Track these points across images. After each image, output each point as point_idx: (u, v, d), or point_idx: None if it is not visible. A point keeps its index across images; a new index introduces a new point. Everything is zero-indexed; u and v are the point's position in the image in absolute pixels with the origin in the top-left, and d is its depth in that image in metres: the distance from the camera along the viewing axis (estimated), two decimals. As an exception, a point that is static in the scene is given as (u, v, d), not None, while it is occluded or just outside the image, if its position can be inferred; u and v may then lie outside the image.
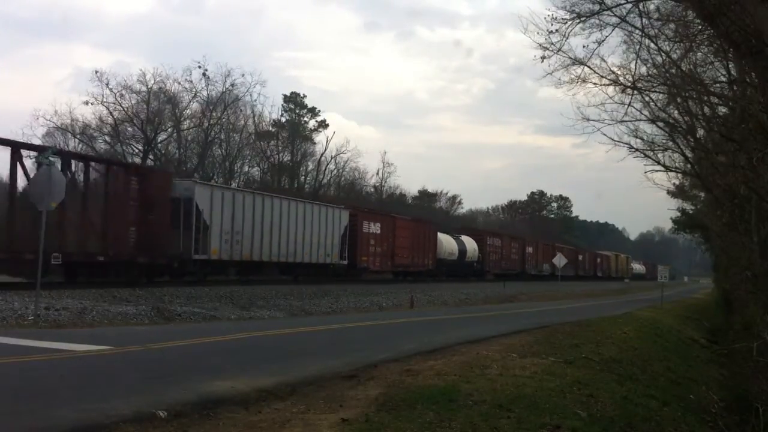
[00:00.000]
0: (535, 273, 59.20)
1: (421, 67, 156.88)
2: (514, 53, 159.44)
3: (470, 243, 49.89)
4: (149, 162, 45.42)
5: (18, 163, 19.79)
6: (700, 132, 19.67)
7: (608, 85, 15.47)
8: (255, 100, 72.22)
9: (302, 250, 31.39)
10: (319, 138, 62.99)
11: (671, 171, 23.49)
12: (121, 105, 46.32)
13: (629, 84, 15.13)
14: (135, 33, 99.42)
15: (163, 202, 24.02)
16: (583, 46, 14.21)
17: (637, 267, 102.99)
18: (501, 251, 54.63)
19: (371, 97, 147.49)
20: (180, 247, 24.61)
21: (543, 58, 13.90)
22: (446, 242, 44.99)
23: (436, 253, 43.53)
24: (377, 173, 68.77)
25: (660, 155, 21.56)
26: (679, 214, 41.84)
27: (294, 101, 63.69)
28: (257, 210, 28.74)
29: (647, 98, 17.31)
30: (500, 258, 54.26)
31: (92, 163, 24.16)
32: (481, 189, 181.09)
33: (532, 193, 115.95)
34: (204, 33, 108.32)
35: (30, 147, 22.40)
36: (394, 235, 38.41)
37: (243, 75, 55.23)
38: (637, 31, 14.11)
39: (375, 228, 36.90)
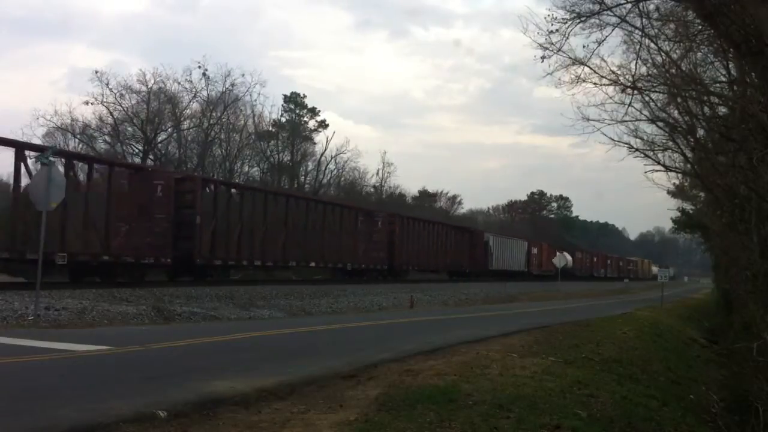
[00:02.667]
0: (596, 275, 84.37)
1: (416, 66, 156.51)
2: (509, 52, 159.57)
3: (569, 256, 73.34)
4: (149, 162, 45.45)
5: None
6: (700, 132, 19.62)
7: (608, 85, 15.38)
8: (255, 100, 72.03)
9: (518, 263, 61.12)
10: (319, 138, 63.10)
11: (671, 171, 23.38)
12: (121, 105, 46.40)
13: (629, 84, 15.07)
14: (130, 32, 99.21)
15: (480, 243, 54.07)
16: (583, 46, 14.14)
17: (655, 269, 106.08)
18: (582, 261, 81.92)
19: (367, 96, 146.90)
20: (483, 263, 53.54)
21: (543, 58, 13.83)
22: (558, 255, 69.95)
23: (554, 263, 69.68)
24: (377, 173, 68.91)
25: (660, 155, 21.46)
26: (679, 214, 41.69)
27: (294, 101, 63.71)
28: (505, 244, 59.48)
29: (647, 98, 17.23)
30: (581, 266, 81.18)
31: (445, 228, 50.93)
32: (481, 189, 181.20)
33: (532, 193, 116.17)
34: (199, 32, 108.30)
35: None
36: (540, 254, 67.41)
37: (243, 75, 55.07)
38: (637, 31, 14.07)
39: (535, 251, 66.64)
